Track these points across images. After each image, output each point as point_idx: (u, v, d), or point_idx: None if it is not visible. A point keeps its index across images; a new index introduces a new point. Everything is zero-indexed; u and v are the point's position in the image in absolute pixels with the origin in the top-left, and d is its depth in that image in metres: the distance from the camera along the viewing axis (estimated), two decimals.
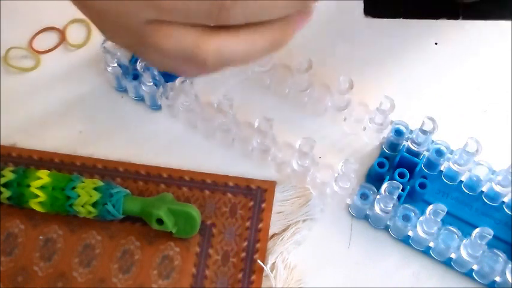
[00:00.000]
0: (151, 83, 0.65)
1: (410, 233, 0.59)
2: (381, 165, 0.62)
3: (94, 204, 0.59)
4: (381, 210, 0.58)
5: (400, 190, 0.58)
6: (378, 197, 0.58)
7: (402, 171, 0.61)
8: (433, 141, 0.62)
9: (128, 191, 0.61)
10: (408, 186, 0.61)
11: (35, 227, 0.62)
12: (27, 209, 0.61)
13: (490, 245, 0.56)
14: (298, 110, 0.68)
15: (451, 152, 0.62)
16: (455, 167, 0.61)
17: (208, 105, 0.64)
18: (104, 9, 0.43)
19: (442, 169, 0.63)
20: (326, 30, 0.73)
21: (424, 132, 0.60)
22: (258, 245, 0.60)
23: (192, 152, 0.66)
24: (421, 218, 0.57)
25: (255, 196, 0.63)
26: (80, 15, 0.73)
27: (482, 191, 0.62)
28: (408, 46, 0.72)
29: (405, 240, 0.60)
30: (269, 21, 0.43)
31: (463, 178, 0.62)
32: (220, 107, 0.61)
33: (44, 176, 0.60)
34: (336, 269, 0.60)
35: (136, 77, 0.66)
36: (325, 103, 0.65)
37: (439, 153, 0.62)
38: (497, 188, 0.60)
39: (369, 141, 0.66)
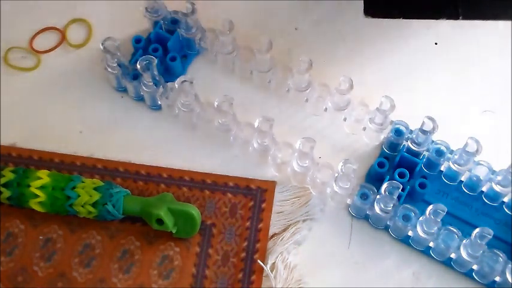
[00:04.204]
0: (151, 83, 0.65)
1: (410, 233, 0.59)
2: (381, 165, 0.62)
3: (94, 204, 0.59)
4: (381, 210, 0.58)
5: (400, 190, 0.58)
6: (378, 197, 0.58)
7: (402, 171, 0.61)
8: (433, 141, 0.62)
9: (128, 191, 0.61)
10: (408, 186, 0.61)
11: (35, 227, 0.62)
12: (27, 209, 0.61)
13: (490, 245, 0.56)
14: (298, 109, 0.68)
15: (451, 152, 0.62)
16: (455, 167, 0.61)
17: (208, 105, 0.64)
18: None
19: (442, 169, 0.63)
20: (326, 30, 0.73)
21: (424, 132, 0.60)
22: (258, 245, 0.60)
23: (192, 152, 0.66)
24: (421, 218, 0.57)
25: (255, 196, 0.63)
26: (79, 15, 0.73)
27: (482, 191, 0.62)
28: (408, 46, 0.72)
29: (405, 240, 0.60)
30: None
31: (463, 178, 0.62)
32: (220, 107, 0.61)
33: (44, 176, 0.60)
34: (336, 269, 0.60)
35: (136, 77, 0.66)
36: (325, 103, 0.65)
37: (439, 153, 0.62)
38: (497, 188, 0.60)
39: (369, 141, 0.66)
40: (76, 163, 0.65)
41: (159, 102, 0.66)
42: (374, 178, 0.63)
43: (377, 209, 0.58)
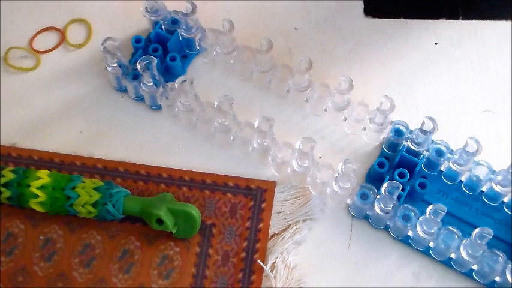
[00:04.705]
0: (151, 83, 0.65)
1: (410, 233, 0.60)
2: (381, 165, 0.62)
3: (94, 204, 0.59)
4: (381, 210, 0.58)
5: (400, 190, 0.58)
6: (378, 197, 0.58)
7: (402, 171, 0.61)
8: (433, 141, 0.62)
9: (127, 191, 0.61)
10: (408, 186, 0.61)
11: (35, 227, 0.62)
12: (27, 209, 0.61)
13: (490, 245, 0.56)
14: (298, 110, 0.68)
15: (451, 152, 0.62)
16: (455, 167, 0.61)
17: (208, 105, 0.64)
18: None
19: (442, 169, 0.63)
20: (326, 30, 0.73)
21: (424, 132, 0.60)
22: (258, 245, 0.60)
23: (192, 152, 0.66)
24: (421, 218, 0.57)
25: (255, 196, 0.63)
26: (79, 15, 0.73)
27: (482, 191, 0.62)
28: (408, 46, 0.72)
29: (405, 240, 0.60)
30: None
31: (463, 178, 0.62)
32: (220, 107, 0.61)
33: (44, 176, 0.60)
34: (336, 269, 0.60)
35: (136, 77, 0.66)
36: (325, 103, 0.65)
37: (439, 153, 0.62)
38: (497, 188, 0.60)
39: (369, 141, 0.66)
40: (76, 163, 0.65)
41: (159, 102, 0.66)
42: (374, 178, 0.63)
43: (377, 209, 0.58)
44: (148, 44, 0.69)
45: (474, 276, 0.58)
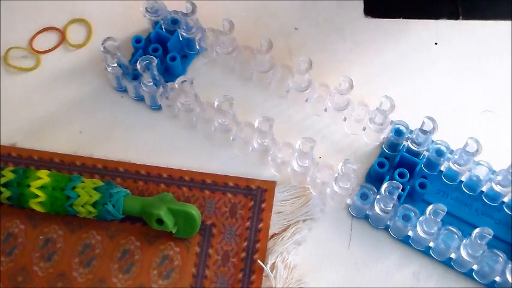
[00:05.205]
0: (151, 83, 0.65)
1: (410, 233, 0.60)
2: (381, 165, 0.62)
3: (94, 204, 0.59)
4: (381, 210, 0.58)
5: (400, 190, 0.58)
6: (378, 197, 0.58)
7: (402, 171, 0.61)
8: (433, 141, 0.62)
9: (127, 191, 0.61)
10: (408, 186, 0.61)
11: (35, 227, 0.62)
12: (27, 209, 0.61)
13: (490, 245, 0.56)
14: (298, 109, 0.68)
15: (451, 152, 0.62)
16: (455, 167, 0.61)
17: (208, 105, 0.64)
18: None
19: (442, 169, 0.63)
20: (326, 30, 0.73)
21: (424, 132, 0.60)
22: (258, 245, 0.60)
23: (192, 152, 0.66)
24: (421, 218, 0.57)
25: (255, 196, 0.63)
26: (80, 15, 0.73)
27: (482, 191, 0.62)
28: (408, 46, 0.72)
29: (405, 240, 0.60)
30: None
31: (463, 178, 0.62)
32: (220, 107, 0.61)
33: (44, 176, 0.60)
34: (336, 269, 0.60)
35: (136, 77, 0.66)
36: (325, 103, 0.65)
37: (439, 153, 0.62)
38: (497, 188, 0.60)
39: (369, 141, 0.66)
40: (76, 163, 0.65)
41: (159, 102, 0.66)
42: (374, 178, 0.63)
43: (377, 209, 0.58)
44: (148, 44, 0.69)
45: (474, 276, 0.58)
